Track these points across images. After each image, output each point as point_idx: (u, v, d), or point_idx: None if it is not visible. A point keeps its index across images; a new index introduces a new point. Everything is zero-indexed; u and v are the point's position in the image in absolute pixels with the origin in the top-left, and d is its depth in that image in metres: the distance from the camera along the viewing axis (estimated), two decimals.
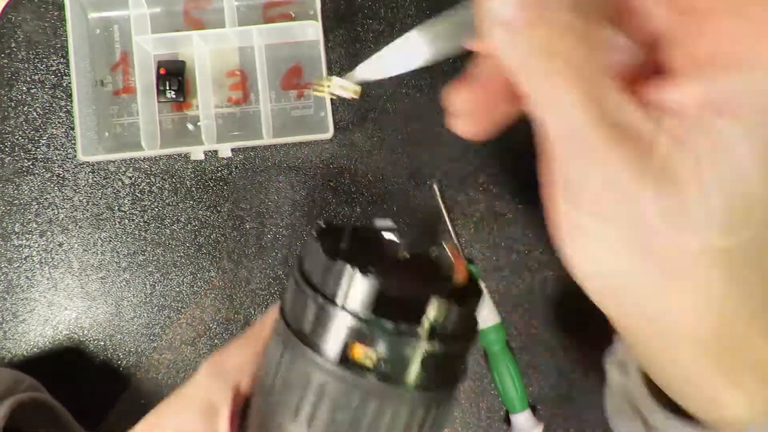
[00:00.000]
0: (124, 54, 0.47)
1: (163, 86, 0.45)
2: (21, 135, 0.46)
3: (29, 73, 0.46)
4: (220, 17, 0.45)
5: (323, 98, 0.45)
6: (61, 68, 0.47)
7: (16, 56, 0.46)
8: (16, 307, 0.46)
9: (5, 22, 0.46)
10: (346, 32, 0.46)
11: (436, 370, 0.23)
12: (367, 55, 0.24)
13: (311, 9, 0.46)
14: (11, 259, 0.46)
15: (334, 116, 0.45)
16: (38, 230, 0.46)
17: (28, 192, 0.46)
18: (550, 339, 0.45)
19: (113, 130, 0.47)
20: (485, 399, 0.45)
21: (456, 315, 0.22)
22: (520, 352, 0.45)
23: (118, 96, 0.47)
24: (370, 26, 0.46)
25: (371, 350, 0.22)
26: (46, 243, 0.46)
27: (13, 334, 0.46)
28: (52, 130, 0.46)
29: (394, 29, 0.46)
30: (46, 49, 0.47)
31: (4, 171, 0.46)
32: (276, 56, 0.46)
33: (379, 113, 0.46)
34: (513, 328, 0.45)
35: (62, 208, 0.46)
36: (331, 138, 0.45)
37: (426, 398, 0.23)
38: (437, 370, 0.23)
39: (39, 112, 0.46)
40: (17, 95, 0.46)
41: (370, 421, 0.23)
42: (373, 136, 0.46)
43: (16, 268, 0.46)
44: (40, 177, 0.46)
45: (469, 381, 0.45)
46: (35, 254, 0.46)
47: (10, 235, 0.46)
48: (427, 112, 0.46)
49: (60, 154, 0.46)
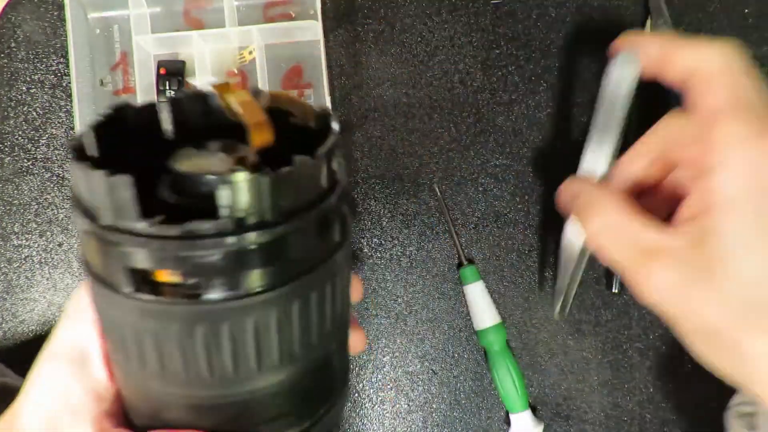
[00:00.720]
0: (124, 54, 0.47)
1: (163, 86, 0.45)
2: (21, 135, 0.46)
3: (29, 73, 0.46)
4: (220, 17, 0.45)
5: (323, 98, 0.45)
6: (61, 68, 0.47)
7: (16, 56, 0.46)
8: (16, 307, 0.46)
9: (5, 22, 0.46)
10: (346, 32, 0.46)
11: (267, 263, 0.18)
12: (368, 55, 0.24)
13: (311, 9, 0.46)
14: (11, 259, 0.46)
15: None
16: (38, 230, 0.46)
17: (28, 192, 0.46)
18: (550, 339, 0.45)
19: None
20: (485, 399, 0.45)
21: (271, 187, 0.17)
22: (520, 352, 0.45)
23: (118, 96, 0.47)
24: (370, 26, 0.46)
25: (173, 268, 0.17)
26: (46, 243, 0.46)
27: (13, 334, 0.46)
28: (52, 130, 0.46)
29: (394, 29, 0.46)
30: (46, 49, 0.46)
31: (4, 171, 0.46)
32: (276, 56, 0.46)
33: (379, 113, 0.46)
34: (513, 328, 0.45)
35: (62, 208, 0.46)
36: None
37: (272, 298, 0.18)
38: (270, 263, 0.18)
39: (39, 112, 0.46)
40: (17, 95, 0.46)
41: (201, 345, 0.19)
42: (373, 136, 0.46)
43: (16, 268, 0.46)
44: (40, 177, 0.46)
45: (469, 381, 0.45)
46: (35, 254, 0.46)
47: (10, 235, 0.46)
48: (427, 112, 0.46)
49: (60, 154, 0.46)
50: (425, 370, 0.45)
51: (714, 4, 0.46)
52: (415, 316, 0.45)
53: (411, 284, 0.45)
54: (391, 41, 0.46)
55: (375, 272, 0.45)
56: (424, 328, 0.45)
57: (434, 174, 0.46)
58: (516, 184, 0.46)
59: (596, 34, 0.46)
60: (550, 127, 0.46)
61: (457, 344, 0.45)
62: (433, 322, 0.45)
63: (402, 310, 0.45)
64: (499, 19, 0.47)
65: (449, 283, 0.45)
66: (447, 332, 0.45)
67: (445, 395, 0.45)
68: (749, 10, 0.46)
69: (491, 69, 0.46)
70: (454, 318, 0.45)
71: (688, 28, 0.46)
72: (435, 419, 0.45)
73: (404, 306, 0.45)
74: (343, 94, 0.46)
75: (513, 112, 0.46)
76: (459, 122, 0.46)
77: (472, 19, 0.47)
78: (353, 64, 0.46)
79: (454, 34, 0.47)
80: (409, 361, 0.45)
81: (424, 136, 0.46)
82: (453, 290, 0.45)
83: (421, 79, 0.46)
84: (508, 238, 0.46)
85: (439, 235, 0.46)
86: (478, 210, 0.46)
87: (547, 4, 0.47)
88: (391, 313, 0.45)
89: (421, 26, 0.46)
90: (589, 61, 0.46)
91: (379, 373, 0.45)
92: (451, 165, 0.46)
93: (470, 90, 0.46)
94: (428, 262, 0.45)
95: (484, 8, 0.47)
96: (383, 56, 0.46)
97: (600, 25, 0.46)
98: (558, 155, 0.46)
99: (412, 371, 0.45)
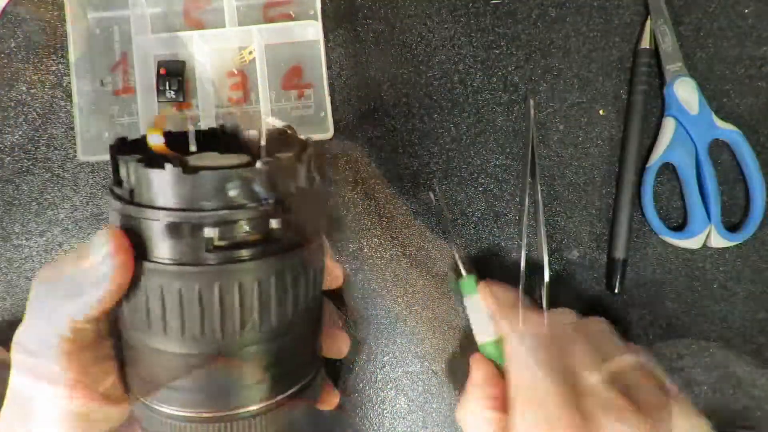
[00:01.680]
0: (124, 54, 0.47)
1: (163, 86, 0.45)
2: (21, 135, 0.46)
3: (29, 73, 0.46)
4: (220, 17, 0.45)
5: (323, 98, 0.45)
6: (61, 68, 0.47)
7: (16, 56, 0.46)
8: (16, 307, 0.46)
9: (5, 22, 0.46)
10: (346, 32, 0.46)
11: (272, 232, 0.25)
12: (368, 55, 0.25)
13: (311, 9, 0.46)
14: (11, 259, 0.46)
15: (334, 116, 0.45)
16: (38, 230, 0.46)
17: (28, 192, 0.46)
18: None
19: (113, 130, 0.47)
20: None
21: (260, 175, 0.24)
22: None
23: (118, 96, 0.47)
24: (370, 26, 0.46)
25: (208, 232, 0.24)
26: (46, 243, 0.46)
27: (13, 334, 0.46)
28: (52, 130, 0.46)
29: (394, 29, 0.46)
30: (46, 49, 0.46)
31: (4, 171, 0.46)
32: (276, 56, 0.46)
33: (379, 113, 0.46)
34: None
35: (62, 208, 0.46)
36: (331, 138, 0.45)
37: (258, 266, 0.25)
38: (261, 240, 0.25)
39: (39, 112, 0.46)
40: (17, 95, 0.46)
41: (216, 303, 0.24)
42: (373, 136, 0.46)
43: (16, 268, 0.46)
44: (40, 177, 0.46)
45: None
46: (35, 254, 0.46)
47: (10, 235, 0.46)
48: (427, 112, 0.46)
49: (60, 154, 0.46)
50: (425, 370, 0.45)
51: (714, 4, 0.46)
52: (415, 316, 0.45)
53: (411, 284, 0.45)
54: (391, 41, 0.46)
55: (375, 272, 0.45)
56: (424, 328, 0.45)
57: (434, 174, 0.46)
58: (516, 184, 0.46)
59: (596, 34, 0.46)
60: (550, 126, 0.46)
61: (457, 344, 0.45)
62: (433, 322, 0.45)
63: (402, 310, 0.45)
64: (499, 19, 0.47)
65: (449, 284, 0.45)
66: (447, 332, 0.45)
67: (445, 395, 0.45)
68: (749, 10, 0.46)
69: (491, 69, 0.46)
70: (454, 318, 0.45)
71: (688, 28, 0.46)
72: (435, 419, 0.45)
73: (404, 306, 0.45)
74: (343, 94, 0.46)
75: (513, 112, 0.46)
76: (459, 122, 0.46)
77: (472, 19, 0.47)
78: (353, 64, 0.46)
79: (454, 34, 0.47)
80: (409, 361, 0.45)
81: (424, 136, 0.46)
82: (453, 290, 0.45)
83: (421, 79, 0.46)
84: (508, 239, 0.46)
85: (439, 235, 0.46)
86: (478, 210, 0.46)
87: (547, 4, 0.47)
88: (391, 313, 0.45)
89: (421, 26, 0.46)
90: (588, 61, 0.46)
91: (379, 373, 0.45)
92: (451, 165, 0.46)
93: (470, 90, 0.46)
94: (428, 262, 0.45)
95: (484, 8, 0.47)
96: (383, 56, 0.46)
97: (600, 25, 0.46)
98: (558, 155, 0.46)
99: (412, 371, 0.45)
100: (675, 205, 0.46)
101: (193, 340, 0.24)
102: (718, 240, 0.44)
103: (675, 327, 0.45)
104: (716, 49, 0.46)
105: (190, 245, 0.24)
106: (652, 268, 0.45)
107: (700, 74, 0.46)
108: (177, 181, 0.24)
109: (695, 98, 0.45)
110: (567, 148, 0.46)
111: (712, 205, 0.44)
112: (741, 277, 0.45)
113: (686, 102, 0.44)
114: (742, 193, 0.46)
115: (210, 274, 0.24)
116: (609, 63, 0.46)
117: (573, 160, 0.46)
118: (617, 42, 0.46)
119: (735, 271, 0.45)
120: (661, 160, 0.44)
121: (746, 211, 0.45)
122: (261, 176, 0.24)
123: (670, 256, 0.45)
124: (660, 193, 0.46)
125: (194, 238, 0.24)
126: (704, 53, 0.46)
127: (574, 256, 0.45)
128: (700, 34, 0.46)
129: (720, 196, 0.44)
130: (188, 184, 0.24)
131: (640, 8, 0.46)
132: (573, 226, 0.46)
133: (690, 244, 0.44)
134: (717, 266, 0.45)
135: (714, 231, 0.44)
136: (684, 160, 0.44)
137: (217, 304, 0.24)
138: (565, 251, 0.45)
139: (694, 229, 0.44)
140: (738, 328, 0.45)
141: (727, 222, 0.45)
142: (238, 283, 0.24)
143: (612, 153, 0.46)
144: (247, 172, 0.24)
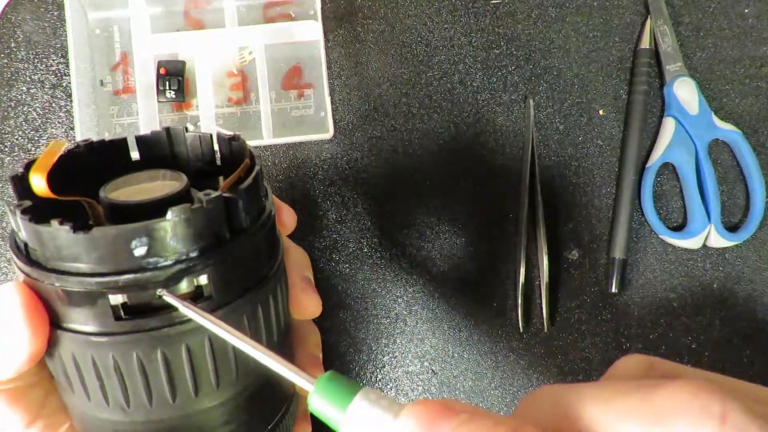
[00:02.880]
0: (124, 54, 0.47)
1: (163, 86, 0.45)
2: (21, 135, 0.46)
3: (29, 73, 0.46)
4: (220, 17, 0.45)
5: (323, 98, 0.45)
6: (61, 68, 0.47)
7: (16, 56, 0.46)
8: None
9: (5, 22, 0.46)
10: (346, 32, 0.46)
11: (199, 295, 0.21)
12: (368, 55, 0.24)
13: (311, 9, 0.46)
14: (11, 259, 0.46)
15: (334, 116, 0.45)
16: None
17: None
18: (551, 339, 0.45)
19: (113, 130, 0.47)
20: (485, 399, 0.45)
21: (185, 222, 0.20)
22: (521, 352, 0.45)
23: (118, 96, 0.47)
24: (370, 26, 0.46)
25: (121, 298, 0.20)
26: None
27: None
28: (52, 130, 0.46)
29: (394, 29, 0.46)
30: (46, 49, 0.47)
31: (4, 171, 0.46)
32: (276, 56, 0.46)
33: (379, 113, 0.46)
34: (513, 327, 0.45)
35: None
36: (331, 138, 0.45)
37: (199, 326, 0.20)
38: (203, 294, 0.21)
39: (39, 112, 0.46)
40: (17, 95, 0.46)
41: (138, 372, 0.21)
42: (373, 136, 0.46)
43: None
44: None
45: (469, 381, 0.45)
46: None
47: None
48: (427, 112, 0.46)
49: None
50: (425, 370, 0.45)
51: (714, 4, 0.46)
52: (415, 316, 0.45)
53: (411, 284, 0.45)
54: (391, 41, 0.46)
55: (375, 272, 0.45)
56: (424, 328, 0.45)
57: (434, 174, 0.46)
58: (516, 185, 0.46)
59: (596, 34, 0.47)
60: (550, 127, 0.46)
61: (457, 344, 0.45)
62: (433, 322, 0.45)
63: (402, 310, 0.45)
64: (499, 19, 0.47)
65: (449, 283, 0.45)
66: (447, 332, 0.45)
67: (445, 395, 0.45)
68: (749, 10, 0.46)
69: (491, 69, 0.46)
70: (454, 318, 0.45)
71: (688, 28, 0.46)
72: None
73: (404, 306, 0.45)
74: (343, 94, 0.46)
75: (513, 112, 0.46)
76: (459, 122, 0.46)
77: (472, 19, 0.47)
78: (353, 64, 0.46)
79: (454, 34, 0.47)
80: (409, 361, 0.45)
81: (424, 136, 0.46)
82: (453, 290, 0.45)
83: (421, 79, 0.46)
84: (507, 239, 0.46)
85: (439, 235, 0.46)
86: (478, 210, 0.46)
87: (547, 4, 0.47)
88: (391, 313, 0.45)
89: (421, 26, 0.46)
90: (588, 61, 0.46)
91: (379, 373, 0.46)
92: (451, 165, 0.46)
93: (470, 90, 0.46)
94: (428, 262, 0.45)
95: (484, 8, 0.47)
96: (383, 56, 0.46)
97: (600, 25, 0.46)
98: (558, 155, 0.46)
99: (412, 371, 0.45)
100: (675, 205, 0.46)
101: (121, 410, 0.22)
102: (718, 240, 0.44)
103: (675, 327, 0.45)
104: (716, 49, 0.46)
105: (96, 313, 0.20)
106: (652, 268, 0.45)
107: (700, 74, 0.46)
108: (66, 241, 0.19)
109: (695, 98, 0.45)
110: (567, 148, 0.46)
111: (712, 205, 0.44)
112: (741, 277, 0.45)
113: (686, 102, 0.44)
114: (742, 193, 0.46)
115: (124, 345, 0.20)
116: (609, 63, 0.46)
117: (573, 160, 0.46)
118: (617, 42, 0.46)
119: (735, 271, 0.45)
120: (661, 160, 0.45)
121: (746, 211, 0.45)
122: (176, 229, 0.19)
123: (670, 256, 0.45)
124: (660, 193, 0.46)
125: (99, 306, 0.20)
126: (704, 53, 0.46)
127: (574, 256, 0.45)
128: (700, 34, 0.46)
129: (720, 196, 0.45)
130: (81, 244, 0.19)
131: (640, 8, 0.46)
132: (573, 226, 0.46)
133: (690, 244, 0.44)
134: (717, 266, 0.45)
135: (714, 231, 0.44)
136: (684, 160, 0.44)
137: (140, 374, 0.21)
138: (565, 251, 0.45)
139: (693, 229, 0.44)
140: (738, 328, 0.45)
141: (726, 222, 0.46)
142: (161, 352, 0.20)
143: (612, 153, 0.46)
144: (157, 226, 0.19)
